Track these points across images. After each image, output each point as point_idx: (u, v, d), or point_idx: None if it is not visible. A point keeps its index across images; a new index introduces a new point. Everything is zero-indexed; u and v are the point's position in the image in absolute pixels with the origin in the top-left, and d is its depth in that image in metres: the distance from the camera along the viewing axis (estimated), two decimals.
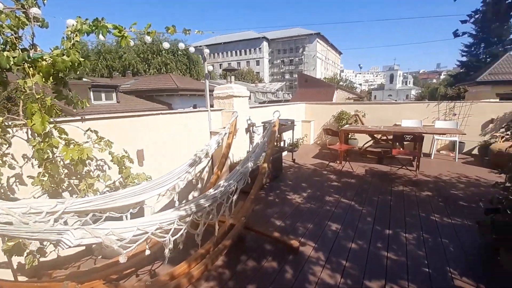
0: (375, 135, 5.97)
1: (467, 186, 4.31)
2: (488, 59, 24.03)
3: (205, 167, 4.06)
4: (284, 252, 2.64)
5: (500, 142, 5.38)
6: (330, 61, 72.43)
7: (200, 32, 3.57)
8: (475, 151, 6.29)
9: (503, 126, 5.93)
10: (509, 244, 2.11)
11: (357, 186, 4.43)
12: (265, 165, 3.31)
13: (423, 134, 4.95)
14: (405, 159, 5.94)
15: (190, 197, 3.83)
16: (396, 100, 58.15)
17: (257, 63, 63.75)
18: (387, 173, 5.09)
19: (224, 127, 4.01)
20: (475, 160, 5.84)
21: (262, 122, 5.19)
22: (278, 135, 5.57)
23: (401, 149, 5.81)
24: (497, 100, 16.66)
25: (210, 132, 4.10)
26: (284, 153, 6.44)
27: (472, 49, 25.89)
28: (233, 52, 66.34)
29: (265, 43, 63.12)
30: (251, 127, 4.52)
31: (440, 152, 6.66)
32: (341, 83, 53.41)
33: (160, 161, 3.36)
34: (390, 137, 5.45)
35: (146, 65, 25.26)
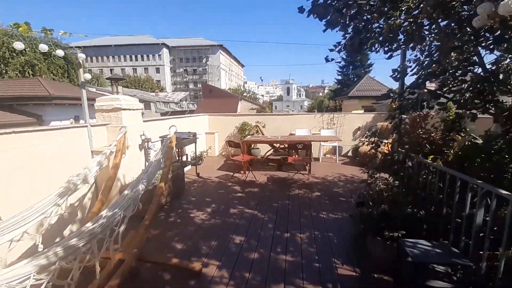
0: (274, 144, 6.49)
1: (345, 184, 5.18)
2: (355, 79, 30.84)
3: (86, 194, 3.36)
4: (186, 278, 2.43)
5: (364, 145, 6.78)
6: (234, 72, 75.89)
7: (68, 34, 2.98)
8: (350, 153, 7.72)
9: (365, 133, 7.60)
10: (373, 232, 2.58)
11: (260, 194, 4.63)
12: (162, 184, 3.01)
13: (311, 142, 5.70)
14: (300, 164, 6.69)
15: (66, 234, 3.08)
16: (293, 110, 66.71)
17: (157, 70, 60.04)
18: (286, 179, 5.58)
19: (110, 145, 3.45)
20: (350, 161, 7.16)
21: (160, 137, 4.78)
22: (180, 149, 5.27)
23: (296, 156, 6.52)
24: (362, 111, 21.49)
25: (92, 151, 3.44)
26: (187, 168, 6.16)
27: (344, 70, 32.93)
28: (128, 56, 60.31)
29: (165, 50, 60.26)
30: (146, 143, 4.07)
31: (326, 155, 7.84)
32: (245, 94, 56.67)
33: (15, 194, 2.55)
34: (287, 145, 6.04)
35: (1, 65, 19.28)
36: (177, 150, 5.18)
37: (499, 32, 1.88)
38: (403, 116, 3.18)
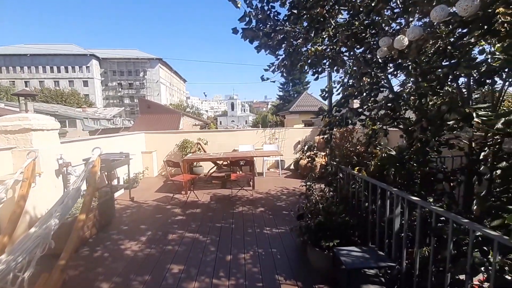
0: (217, 162, 6.37)
1: (287, 197, 5.34)
2: (295, 95, 33.15)
3: None
4: None
5: (303, 159, 7.20)
6: (176, 87, 73.56)
7: None
8: (292, 166, 8.08)
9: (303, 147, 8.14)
10: (311, 244, 2.68)
11: (202, 215, 4.42)
12: (83, 216, 2.60)
13: (254, 158, 5.78)
14: (244, 180, 6.69)
15: None
16: (238, 126, 67.60)
17: (85, 83, 54.07)
18: (229, 196, 5.47)
19: (16, 173, 2.87)
20: (293, 174, 7.48)
21: (84, 160, 4.20)
22: (109, 173, 4.72)
23: (240, 172, 6.51)
24: (303, 126, 23.11)
25: None
26: (119, 193, 5.55)
27: (285, 86, 35.17)
28: (48, 68, 53.03)
29: (95, 62, 54.85)
30: (64, 168, 3.51)
31: (270, 170, 8.05)
32: (188, 109, 55.20)
33: None
34: (230, 162, 5.99)
35: None
36: (105, 173, 4.62)
37: (399, 60, 2.23)
38: (332, 131, 3.46)
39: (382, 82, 2.51)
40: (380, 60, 2.36)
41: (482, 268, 1.54)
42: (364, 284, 2.22)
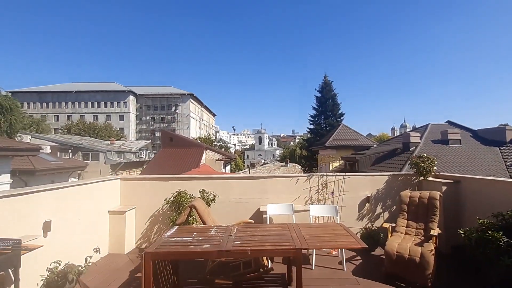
0: (219, 257, 3.18)
1: None
2: (328, 128, 29.86)
3: None
4: None
5: (391, 236, 3.75)
6: (205, 121, 74.25)
7: None
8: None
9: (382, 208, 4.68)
10: None
11: None
12: None
13: (301, 250, 2.55)
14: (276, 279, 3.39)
15: None
16: (265, 160, 64.78)
17: (121, 117, 56.27)
18: None
19: None
20: (364, 265, 3.96)
21: None
22: None
23: (268, 263, 3.27)
24: (340, 163, 19.28)
25: None
26: None
27: (316, 119, 32.11)
28: (89, 103, 56.45)
29: (131, 97, 57.55)
30: None
31: (323, 251, 4.62)
32: (215, 143, 54.02)
33: None
34: (250, 252, 2.76)
35: None
36: None
37: None
38: None
39: None
40: None
41: None
42: None
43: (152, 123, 59.83)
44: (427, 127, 15.80)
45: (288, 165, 41.83)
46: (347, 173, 4.93)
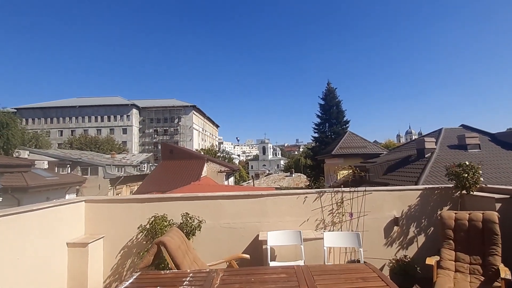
0: None
1: None
2: (333, 135, 28.78)
3: None
4: None
5: (437, 274, 2.72)
6: (208, 132, 73.66)
7: None
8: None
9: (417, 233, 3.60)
10: None
11: None
12: None
13: None
14: None
15: None
16: (269, 170, 63.49)
17: (124, 131, 56.03)
18: None
19: None
20: None
21: None
22: None
23: None
24: (349, 172, 18.18)
25: None
26: None
27: (321, 127, 31.04)
28: (93, 117, 56.51)
29: (134, 111, 57.47)
30: None
31: None
32: (218, 154, 53.10)
33: None
34: None
35: None
36: None
37: None
38: None
39: None
40: None
41: None
42: None
43: (155, 135, 59.43)
44: (440, 132, 14.70)
45: (293, 175, 40.57)
46: (367, 188, 3.93)
